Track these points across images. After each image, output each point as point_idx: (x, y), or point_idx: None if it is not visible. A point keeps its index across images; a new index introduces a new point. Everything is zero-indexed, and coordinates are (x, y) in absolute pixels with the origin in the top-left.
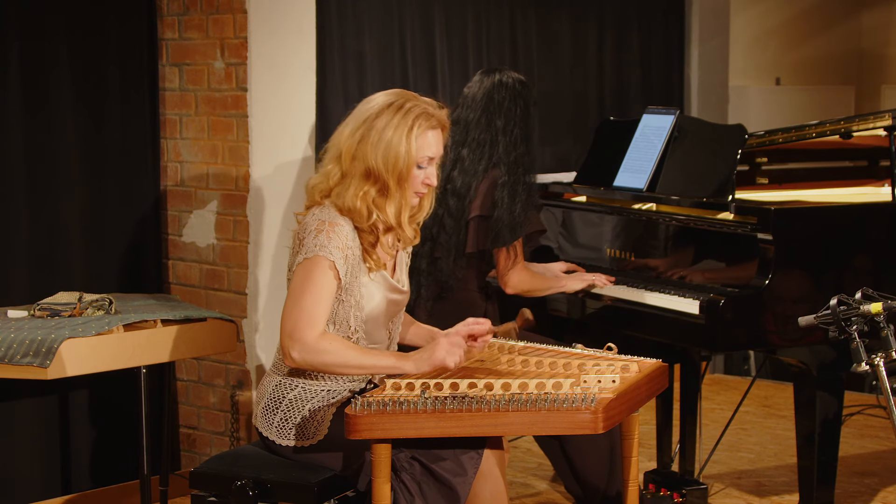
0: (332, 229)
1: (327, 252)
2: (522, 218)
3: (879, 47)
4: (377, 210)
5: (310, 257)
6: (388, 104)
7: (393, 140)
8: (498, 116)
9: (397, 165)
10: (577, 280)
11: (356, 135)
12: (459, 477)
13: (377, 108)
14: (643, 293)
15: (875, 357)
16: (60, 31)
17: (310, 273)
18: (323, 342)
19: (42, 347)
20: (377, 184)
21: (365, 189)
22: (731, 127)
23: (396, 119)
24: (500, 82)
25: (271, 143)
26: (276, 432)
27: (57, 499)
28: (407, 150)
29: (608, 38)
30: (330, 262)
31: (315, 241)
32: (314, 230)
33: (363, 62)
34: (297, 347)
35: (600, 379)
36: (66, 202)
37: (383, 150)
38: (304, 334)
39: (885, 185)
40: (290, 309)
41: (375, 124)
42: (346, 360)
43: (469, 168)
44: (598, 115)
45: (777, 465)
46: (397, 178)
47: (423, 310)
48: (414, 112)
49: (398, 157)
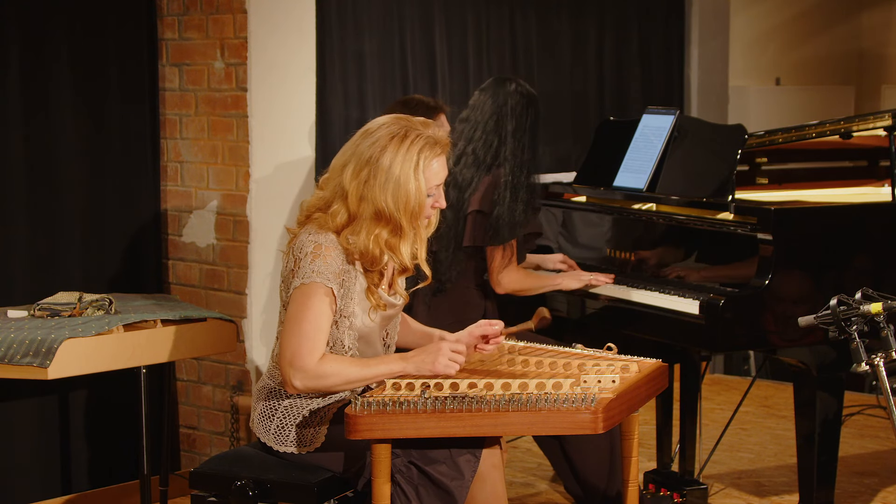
0: (328, 253)
1: (324, 279)
2: (522, 218)
3: (879, 47)
4: (391, 252)
5: (307, 283)
6: (391, 137)
7: (401, 179)
8: (509, 120)
9: (409, 204)
10: (573, 279)
11: (361, 175)
12: (457, 480)
13: (380, 145)
14: (643, 293)
15: (875, 357)
16: (60, 31)
17: (308, 299)
18: (323, 366)
19: (42, 347)
20: (389, 224)
21: (377, 231)
22: (731, 127)
23: (401, 156)
24: (515, 90)
25: (271, 143)
26: (273, 439)
27: (57, 499)
28: (417, 187)
29: (608, 39)
30: (327, 288)
31: (312, 267)
32: (310, 253)
33: (363, 62)
34: (298, 376)
35: (600, 379)
36: (66, 202)
37: (392, 190)
38: (304, 362)
39: (885, 185)
40: (288, 337)
41: (381, 163)
42: (348, 378)
43: (473, 163)
44: (598, 115)
45: (777, 466)
46: (410, 217)
47: (421, 304)
48: (418, 144)
49: (409, 196)
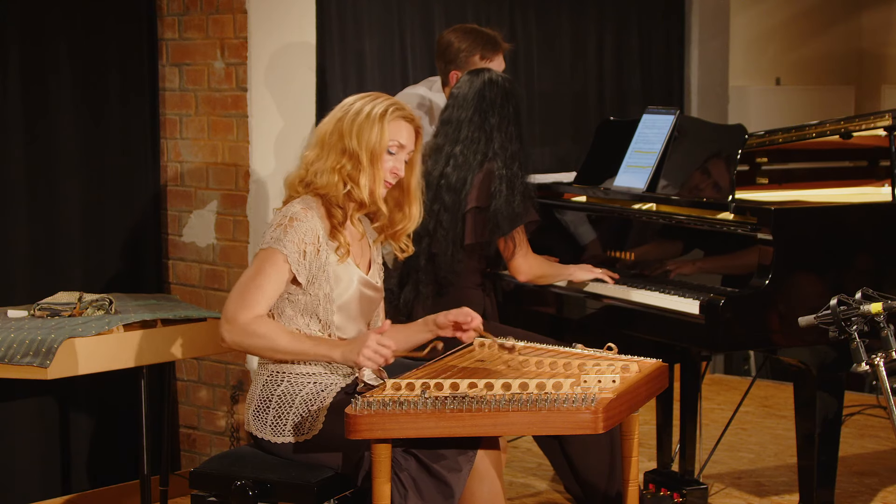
0: (290, 224)
1: (281, 245)
2: (521, 207)
3: (879, 47)
4: (351, 182)
5: (264, 248)
6: (366, 94)
7: (367, 120)
8: (491, 114)
9: (370, 141)
10: (585, 270)
11: (334, 117)
12: (454, 473)
13: (355, 97)
14: (643, 293)
15: (875, 357)
16: (60, 31)
17: (261, 263)
18: (255, 325)
19: (42, 347)
20: (352, 159)
21: (342, 163)
22: (731, 127)
23: (372, 104)
24: (490, 80)
25: (271, 143)
26: (270, 431)
27: (57, 499)
28: (380, 129)
29: (608, 38)
30: (283, 255)
31: (272, 234)
32: (276, 224)
33: (363, 62)
34: (228, 328)
35: (600, 379)
36: (67, 202)
37: (358, 126)
38: (237, 316)
39: (885, 185)
40: (232, 293)
41: (352, 107)
42: (276, 346)
43: (463, 164)
44: (598, 115)
45: (777, 465)
46: (370, 155)
47: (422, 308)
48: (387, 101)
49: (371, 134)
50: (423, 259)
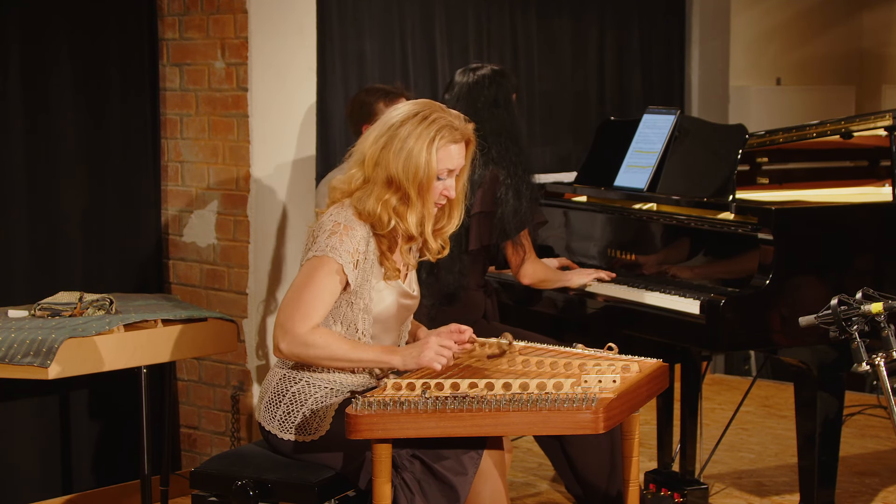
0: (346, 233)
1: (337, 254)
2: (527, 211)
3: (880, 47)
4: (397, 218)
5: (319, 256)
6: (414, 114)
7: (414, 150)
8: (486, 123)
9: (417, 175)
10: (581, 275)
11: (379, 141)
12: (460, 476)
13: (401, 117)
14: (643, 293)
15: (876, 357)
16: (61, 31)
17: (315, 271)
18: (312, 336)
19: (42, 347)
20: (398, 192)
21: (386, 197)
22: (731, 127)
23: (419, 129)
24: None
25: (272, 143)
26: (278, 426)
27: (57, 499)
28: (427, 161)
29: (608, 38)
30: (338, 264)
31: (327, 242)
32: (329, 230)
33: (363, 62)
34: (286, 339)
35: (601, 379)
36: (67, 202)
37: (404, 159)
38: (295, 326)
39: (886, 185)
40: (287, 301)
41: (399, 133)
42: (334, 354)
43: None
44: (598, 115)
45: (778, 465)
46: (418, 189)
47: (424, 313)
48: (438, 124)
49: (418, 168)
50: (423, 273)
